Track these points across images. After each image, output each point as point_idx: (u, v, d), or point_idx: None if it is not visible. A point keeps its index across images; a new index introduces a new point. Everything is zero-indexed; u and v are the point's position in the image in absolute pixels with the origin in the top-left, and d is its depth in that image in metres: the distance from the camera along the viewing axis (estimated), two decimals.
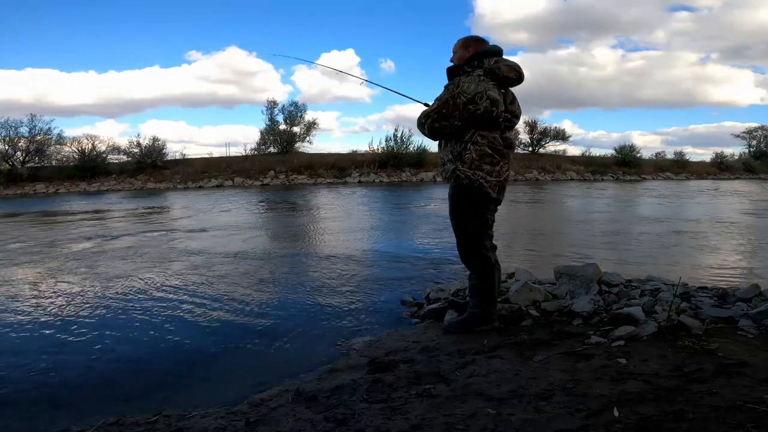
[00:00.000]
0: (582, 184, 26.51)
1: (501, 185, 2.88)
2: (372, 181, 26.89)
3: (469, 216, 2.88)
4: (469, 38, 2.92)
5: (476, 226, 2.89)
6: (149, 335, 3.37)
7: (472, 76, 2.75)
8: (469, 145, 2.78)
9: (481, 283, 2.90)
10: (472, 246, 2.91)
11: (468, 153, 2.78)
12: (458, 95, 2.71)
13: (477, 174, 2.78)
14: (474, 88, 2.70)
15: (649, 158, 36.81)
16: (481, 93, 2.69)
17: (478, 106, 2.70)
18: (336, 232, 8.69)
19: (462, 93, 2.70)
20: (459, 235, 2.96)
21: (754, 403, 1.83)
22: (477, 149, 2.77)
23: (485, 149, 2.78)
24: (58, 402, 2.42)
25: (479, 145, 2.77)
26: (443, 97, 2.77)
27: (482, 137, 2.77)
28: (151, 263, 5.85)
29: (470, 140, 2.77)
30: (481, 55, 2.81)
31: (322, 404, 2.11)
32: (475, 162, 2.78)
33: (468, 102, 2.69)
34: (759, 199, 14.97)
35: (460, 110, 2.71)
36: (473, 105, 2.69)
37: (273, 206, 14.49)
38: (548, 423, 1.80)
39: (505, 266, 3.51)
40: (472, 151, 2.77)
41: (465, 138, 2.78)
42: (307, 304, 4.00)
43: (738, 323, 2.80)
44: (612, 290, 3.44)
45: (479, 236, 2.90)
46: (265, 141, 33.07)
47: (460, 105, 2.70)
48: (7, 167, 26.72)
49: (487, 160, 2.79)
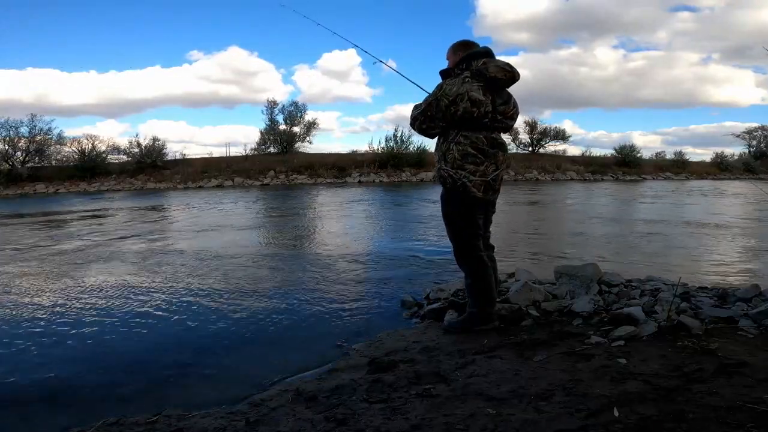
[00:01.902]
0: (582, 184, 26.51)
1: (487, 185, 2.86)
2: (372, 181, 26.89)
3: (456, 216, 2.92)
4: (457, 43, 2.99)
5: (464, 227, 2.92)
6: (149, 335, 3.37)
7: (458, 78, 2.80)
8: (452, 145, 2.82)
9: (476, 283, 2.93)
10: (462, 246, 2.95)
11: (450, 153, 2.83)
12: (441, 98, 2.77)
13: (459, 173, 2.81)
14: (456, 90, 2.75)
15: (649, 158, 36.84)
16: (462, 94, 2.73)
17: (458, 108, 2.74)
18: (336, 232, 8.69)
19: (444, 95, 2.76)
20: (450, 236, 3.01)
21: (754, 403, 1.83)
22: (459, 149, 2.81)
23: (467, 149, 2.80)
24: (58, 402, 2.42)
25: (461, 145, 2.80)
26: (428, 100, 2.85)
27: (465, 137, 2.80)
28: (150, 263, 5.85)
29: (453, 140, 2.82)
30: (469, 57, 2.86)
31: (322, 404, 2.11)
32: (458, 161, 2.81)
33: (449, 104, 2.75)
34: (759, 200, 14.97)
35: (443, 112, 2.78)
36: (454, 107, 2.75)
37: (272, 206, 14.49)
38: (548, 423, 1.81)
39: (505, 266, 3.52)
40: (455, 151, 2.81)
41: (449, 138, 2.84)
42: (306, 304, 4.00)
43: (738, 323, 2.80)
44: (612, 290, 3.44)
45: (468, 236, 2.93)
46: (265, 141, 33.12)
47: (442, 107, 2.77)
48: (7, 167, 26.72)
49: (470, 159, 2.81)
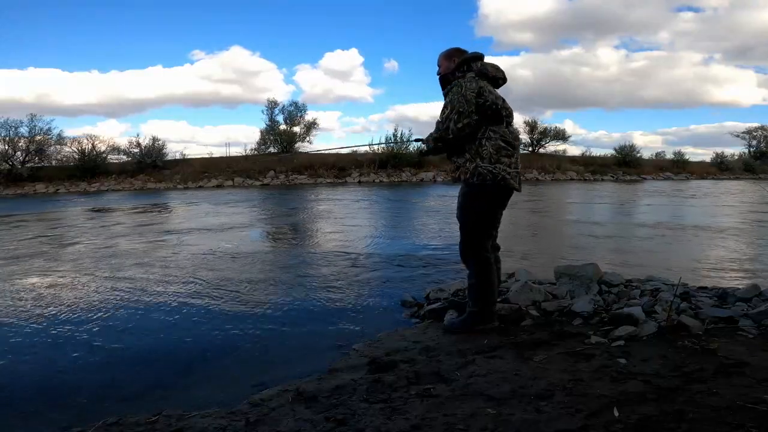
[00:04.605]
0: (582, 184, 26.51)
1: (518, 176, 2.97)
2: (372, 181, 26.88)
3: (481, 213, 2.94)
4: (451, 50, 3.05)
5: (483, 224, 2.97)
6: (149, 335, 3.37)
7: (465, 78, 2.87)
8: (484, 141, 2.85)
9: (480, 283, 2.93)
10: (474, 244, 2.96)
11: (484, 149, 2.85)
12: (466, 91, 2.81)
13: (497, 168, 2.85)
14: (475, 84, 2.83)
15: (649, 158, 36.82)
16: (483, 87, 2.83)
17: (487, 98, 2.82)
18: (336, 232, 8.69)
19: (468, 89, 2.81)
20: (464, 232, 2.99)
21: (754, 403, 1.83)
22: (492, 144, 2.85)
23: (499, 143, 2.86)
24: (58, 402, 2.42)
25: (493, 140, 2.85)
26: (454, 98, 2.83)
27: (494, 132, 2.86)
28: (149, 263, 5.84)
29: (483, 136, 2.85)
30: (468, 60, 2.96)
31: (322, 404, 2.11)
32: (494, 156, 2.85)
33: (477, 95, 2.80)
34: (759, 200, 14.97)
35: (473, 103, 2.80)
36: (482, 98, 2.81)
37: (272, 206, 14.49)
38: (548, 423, 1.81)
39: (505, 266, 3.51)
40: (488, 146, 2.85)
41: (478, 135, 2.86)
42: (307, 304, 4.00)
43: (738, 323, 2.80)
44: (612, 290, 3.44)
45: (482, 235, 2.98)
46: (265, 141, 33.09)
47: (471, 99, 2.80)
48: (7, 167, 26.69)
49: (504, 153, 2.87)
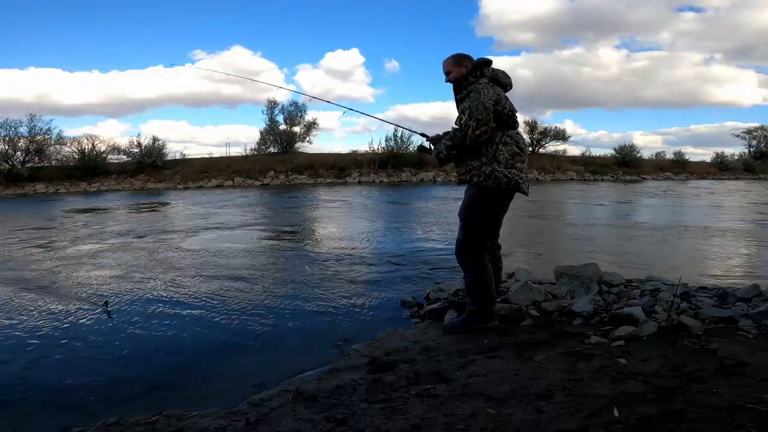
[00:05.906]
0: (582, 184, 26.51)
1: (528, 181, 3.02)
2: (372, 181, 26.88)
3: (487, 215, 2.96)
4: (459, 56, 3.00)
5: (489, 228, 3.02)
6: (149, 335, 3.37)
7: (480, 84, 2.87)
8: (500, 146, 2.87)
9: (476, 282, 2.94)
10: (472, 245, 2.97)
11: (501, 154, 2.87)
12: (484, 99, 2.80)
13: (512, 172, 2.87)
14: (493, 91, 2.85)
15: (649, 158, 36.80)
16: (500, 95, 2.86)
17: (504, 105, 2.85)
18: (336, 232, 8.69)
19: (487, 97, 2.81)
20: (467, 232, 3.00)
21: (754, 403, 1.83)
22: (508, 149, 2.88)
23: (513, 148, 2.89)
24: (58, 402, 2.42)
25: (509, 145, 2.88)
26: (473, 105, 2.81)
27: (509, 137, 2.90)
28: (149, 263, 5.84)
29: (500, 141, 2.87)
30: (480, 65, 2.96)
31: (322, 404, 2.11)
32: (509, 161, 2.87)
33: (495, 103, 2.82)
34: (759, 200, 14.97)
35: (492, 111, 2.80)
36: (500, 105, 2.83)
37: (272, 206, 14.49)
38: (548, 423, 1.81)
39: (506, 266, 3.51)
40: (504, 151, 2.87)
41: (495, 140, 2.87)
42: (307, 304, 4.00)
43: (738, 323, 2.80)
44: (612, 290, 3.44)
45: (482, 236, 3.00)
46: (265, 141, 33.08)
47: (490, 107, 2.80)
48: (7, 167, 26.69)
49: (517, 158, 2.90)
